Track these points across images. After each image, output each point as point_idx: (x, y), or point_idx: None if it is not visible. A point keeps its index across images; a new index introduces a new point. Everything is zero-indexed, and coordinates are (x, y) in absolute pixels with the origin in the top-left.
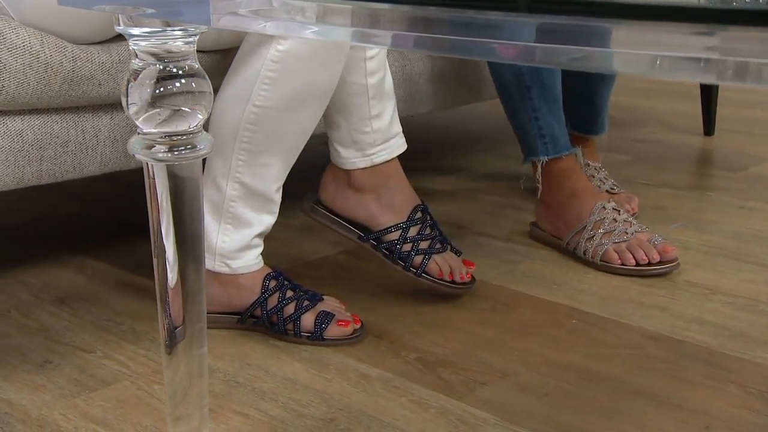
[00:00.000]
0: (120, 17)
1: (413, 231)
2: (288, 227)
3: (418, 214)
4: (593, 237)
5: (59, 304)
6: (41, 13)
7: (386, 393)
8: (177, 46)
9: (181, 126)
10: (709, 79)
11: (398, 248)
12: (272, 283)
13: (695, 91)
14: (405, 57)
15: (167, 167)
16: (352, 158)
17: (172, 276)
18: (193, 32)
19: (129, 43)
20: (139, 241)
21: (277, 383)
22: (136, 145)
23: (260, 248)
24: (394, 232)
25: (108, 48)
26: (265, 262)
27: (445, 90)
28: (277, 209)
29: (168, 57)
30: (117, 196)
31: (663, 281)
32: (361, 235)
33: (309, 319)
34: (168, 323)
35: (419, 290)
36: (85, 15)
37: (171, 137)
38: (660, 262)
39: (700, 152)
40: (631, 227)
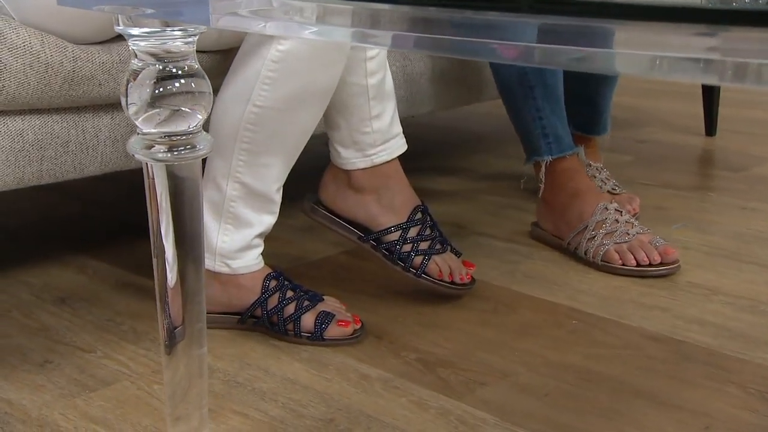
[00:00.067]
0: (119, 17)
1: (413, 232)
2: (289, 227)
3: (418, 215)
4: (594, 237)
5: (60, 304)
6: (42, 13)
7: (386, 393)
8: (176, 46)
9: (181, 126)
10: (709, 79)
11: (398, 249)
12: (272, 283)
13: (697, 91)
14: (406, 57)
15: (167, 167)
16: (353, 159)
17: (171, 276)
18: (192, 32)
19: (128, 43)
20: (140, 241)
21: (277, 383)
22: (135, 145)
23: (260, 248)
24: (394, 232)
25: (108, 48)
26: (265, 262)
27: (446, 90)
28: (277, 209)
29: (167, 57)
30: (118, 196)
31: (664, 282)
32: (361, 235)
33: (309, 320)
34: (167, 323)
35: (419, 291)
36: (85, 15)
37: (170, 137)
38: (661, 264)
39: (702, 153)
40: (632, 228)
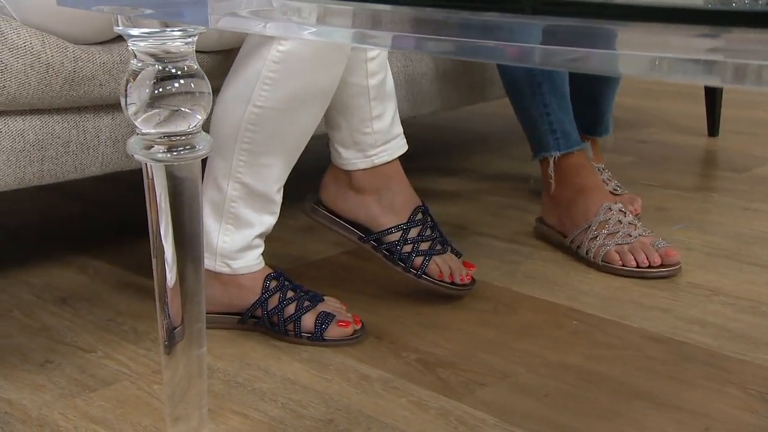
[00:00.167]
0: (119, 18)
1: (414, 232)
2: (290, 228)
3: (418, 216)
4: (596, 237)
5: (61, 304)
6: (42, 13)
7: (386, 394)
8: (176, 46)
9: (180, 126)
10: (709, 81)
11: (399, 249)
12: (273, 283)
13: (700, 92)
14: (408, 57)
15: (166, 168)
16: (353, 159)
17: (171, 276)
18: (192, 33)
19: (128, 43)
20: (141, 241)
21: (277, 383)
22: (135, 146)
23: (261, 248)
24: (394, 233)
25: (109, 48)
26: (266, 262)
27: (450, 90)
28: (278, 210)
29: (167, 57)
30: (119, 197)
31: (665, 283)
32: (362, 236)
33: (309, 320)
34: (167, 323)
35: (419, 291)
36: (86, 15)
37: (170, 138)
38: (661, 265)
39: (704, 153)
40: (635, 230)
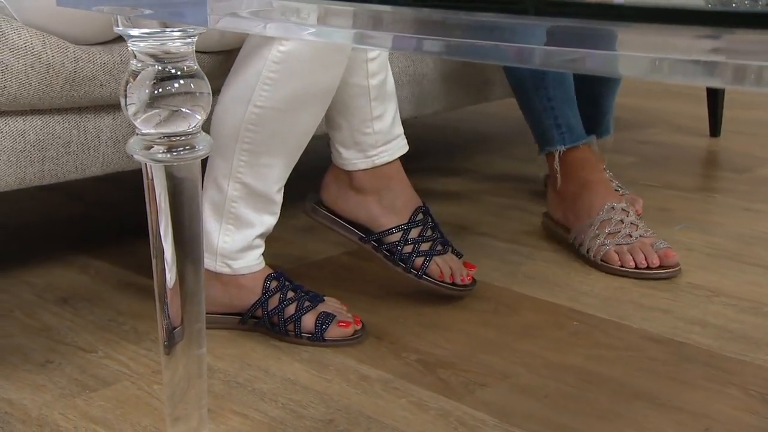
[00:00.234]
0: (119, 18)
1: (414, 233)
2: (291, 228)
3: (419, 216)
4: (598, 236)
5: (62, 304)
6: (43, 13)
7: (386, 394)
8: (176, 46)
9: (180, 127)
10: (709, 81)
11: (399, 250)
12: (273, 283)
13: (701, 92)
14: (410, 57)
15: (166, 168)
16: (354, 159)
17: (170, 276)
18: (191, 33)
19: (128, 44)
20: (142, 241)
21: (277, 384)
22: (134, 146)
23: (261, 249)
24: (395, 233)
25: (110, 49)
26: (267, 262)
27: (451, 91)
28: (278, 210)
29: (166, 58)
30: (119, 197)
31: (665, 283)
32: (363, 236)
33: (310, 320)
34: (167, 324)
35: (420, 292)
36: (86, 16)
37: (170, 138)
38: (660, 267)
39: (705, 154)
40: (636, 230)
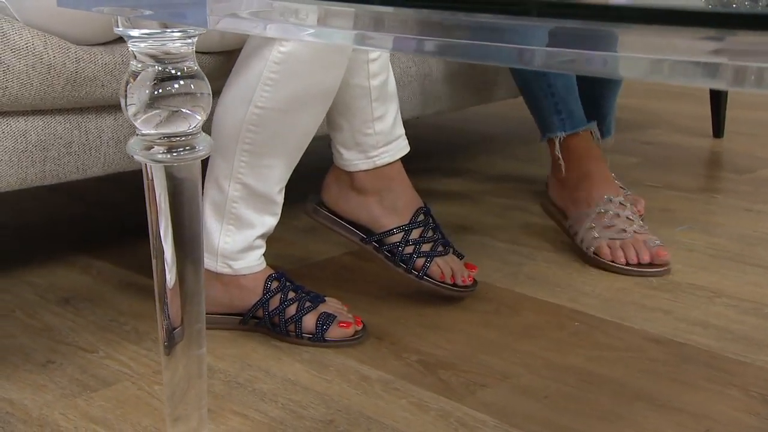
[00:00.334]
0: (119, 19)
1: (415, 233)
2: (292, 228)
3: (420, 217)
4: (593, 228)
5: (63, 304)
6: (44, 14)
7: (386, 395)
8: (176, 47)
9: (180, 127)
10: (709, 83)
11: (400, 250)
12: (274, 284)
13: (704, 93)
14: (411, 58)
15: (166, 168)
16: (355, 160)
17: (170, 277)
18: (191, 34)
19: (128, 44)
20: (143, 241)
21: (278, 384)
22: (134, 146)
23: (262, 249)
24: (396, 234)
25: (111, 49)
26: (269, 263)
27: (454, 91)
28: (279, 210)
29: (166, 58)
30: (121, 197)
31: (667, 284)
32: (364, 237)
33: (310, 321)
34: (167, 324)
35: (421, 292)
36: (87, 16)
37: (170, 138)
38: (650, 264)
39: (708, 154)
40: (631, 226)
